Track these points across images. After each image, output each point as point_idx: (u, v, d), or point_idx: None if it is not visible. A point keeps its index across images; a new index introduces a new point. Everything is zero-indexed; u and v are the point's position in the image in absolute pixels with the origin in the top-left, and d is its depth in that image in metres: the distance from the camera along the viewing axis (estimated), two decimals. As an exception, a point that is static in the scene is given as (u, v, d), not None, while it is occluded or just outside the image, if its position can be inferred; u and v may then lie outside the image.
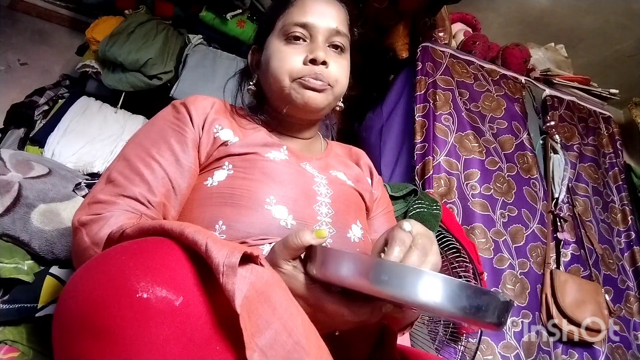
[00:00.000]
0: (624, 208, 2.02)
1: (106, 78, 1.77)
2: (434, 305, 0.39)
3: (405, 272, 0.41)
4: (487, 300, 0.41)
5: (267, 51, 0.75)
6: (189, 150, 0.67)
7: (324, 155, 0.81)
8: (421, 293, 0.40)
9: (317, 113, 0.76)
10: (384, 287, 0.40)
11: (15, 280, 0.74)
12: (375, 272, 0.41)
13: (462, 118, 1.81)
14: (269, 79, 0.73)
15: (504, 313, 0.43)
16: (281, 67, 0.71)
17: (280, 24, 0.74)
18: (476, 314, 0.41)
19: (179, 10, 1.98)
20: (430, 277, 0.40)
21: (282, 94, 0.72)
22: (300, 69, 0.70)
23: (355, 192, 0.77)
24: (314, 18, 0.72)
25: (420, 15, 1.92)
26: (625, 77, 2.49)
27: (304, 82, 0.70)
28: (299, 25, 0.72)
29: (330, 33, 0.73)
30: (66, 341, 0.38)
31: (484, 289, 0.43)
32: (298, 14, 0.73)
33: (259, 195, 0.63)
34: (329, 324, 0.48)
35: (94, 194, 0.62)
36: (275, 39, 0.74)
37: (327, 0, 0.75)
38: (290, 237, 0.47)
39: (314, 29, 0.72)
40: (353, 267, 0.42)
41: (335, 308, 0.45)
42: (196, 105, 0.71)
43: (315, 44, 0.72)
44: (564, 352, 1.58)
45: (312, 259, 0.47)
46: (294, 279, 0.47)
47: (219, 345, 0.36)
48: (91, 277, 0.39)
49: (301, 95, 0.70)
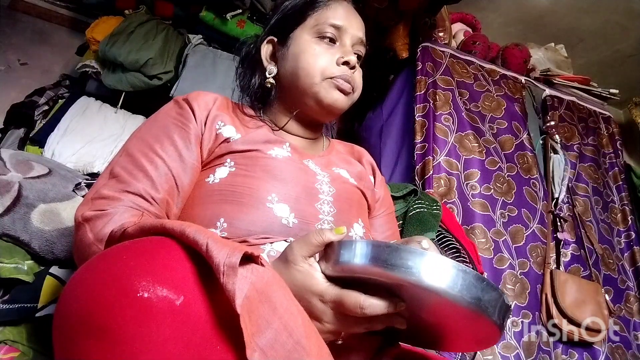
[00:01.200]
0: (624, 208, 2.02)
1: (106, 78, 1.77)
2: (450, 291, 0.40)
3: (422, 256, 0.41)
4: (496, 297, 0.42)
5: (296, 45, 0.75)
6: (191, 146, 0.67)
7: (326, 153, 0.81)
8: (437, 278, 0.40)
9: (335, 115, 0.78)
10: (400, 272, 0.41)
11: (15, 280, 0.74)
12: (393, 257, 0.41)
13: (462, 118, 1.81)
14: (299, 72, 0.73)
15: (505, 315, 0.43)
16: (315, 64, 0.72)
17: (312, 21, 0.75)
18: (487, 309, 0.41)
19: (179, 10, 1.98)
20: (447, 262, 0.41)
21: (310, 90, 0.73)
22: (334, 70, 0.72)
23: (358, 190, 0.77)
24: (345, 23, 0.75)
25: (420, 15, 1.92)
26: (625, 77, 2.49)
27: (336, 82, 0.72)
28: (333, 26, 0.74)
29: (357, 41, 0.77)
30: (67, 341, 0.38)
31: (495, 285, 0.44)
32: (331, 15, 0.75)
33: (261, 193, 0.63)
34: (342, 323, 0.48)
35: (97, 188, 0.62)
36: (306, 34, 0.75)
37: (354, 11, 0.79)
38: (311, 234, 0.47)
39: (345, 33, 0.75)
40: (369, 253, 0.43)
41: (354, 299, 0.45)
42: (199, 101, 0.71)
43: (346, 48, 0.75)
44: (564, 352, 1.58)
45: (327, 257, 0.47)
46: (311, 277, 0.47)
47: (219, 344, 0.36)
48: (92, 277, 0.39)
49: (330, 95, 0.72)
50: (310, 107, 0.75)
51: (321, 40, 0.74)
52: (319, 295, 0.47)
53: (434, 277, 0.40)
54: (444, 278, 0.40)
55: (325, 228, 0.48)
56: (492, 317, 0.42)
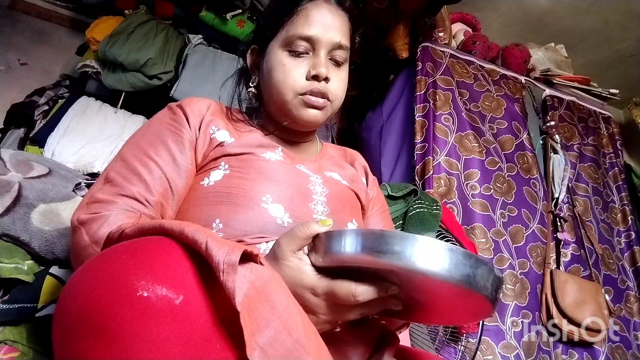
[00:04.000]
0: (624, 208, 2.02)
1: (106, 78, 1.77)
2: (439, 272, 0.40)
3: (409, 239, 0.41)
4: (487, 271, 0.42)
5: (270, 60, 0.74)
6: (185, 150, 0.67)
7: (318, 157, 0.81)
8: (425, 260, 0.40)
9: (314, 128, 0.79)
10: (389, 258, 0.41)
11: (15, 280, 0.74)
12: (380, 243, 0.42)
13: (462, 118, 1.81)
14: (272, 89, 0.73)
15: (498, 288, 0.44)
16: (285, 82, 0.71)
17: (284, 33, 0.73)
18: (478, 284, 0.41)
19: (179, 10, 1.98)
20: (435, 243, 0.41)
21: (283, 107, 0.73)
22: (304, 85, 0.70)
23: (351, 191, 0.77)
24: (318, 31, 0.71)
25: (420, 15, 1.92)
26: (625, 77, 2.49)
27: (306, 100, 0.71)
28: (302, 39, 0.71)
29: (332, 47, 0.72)
30: (66, 341, 0.38)
31: (484, 259, 0.44)
32: (302, 25, 0.71)
33: (255, 193, 0.64)
34: (337, 312, 0.48)
35: (92, 193, 0.62)
36: (278, 47, 0.73)
37: (331, 10, 0.74)
38: (297, 228, 0.48)
39: (317, 43, 0.71)
40: (357, 241, 0.43)
41: (346, 289, 0.46)
42: (192, 106, 0.72)
43: (317, 59, 0.71)
44: (564, 352, 1.58)
45: (316, 248, 0.47)
46: (300, 271, 0.47)
47: (219, 343, 0.36)
48: (91, 277, 0.39)
49: (303, 113, 0.72)
50: (289, 122, 0.75)
51: (292, 54, 0.72)
52: (310, 288, 0.47)
53: (423, 260, 0.41)
54: (432, 259, 0.41)
55: (311, 222, 0.48)
56: (484, 292, 0.42)
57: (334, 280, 0.47)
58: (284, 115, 0.74)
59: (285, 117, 0.74)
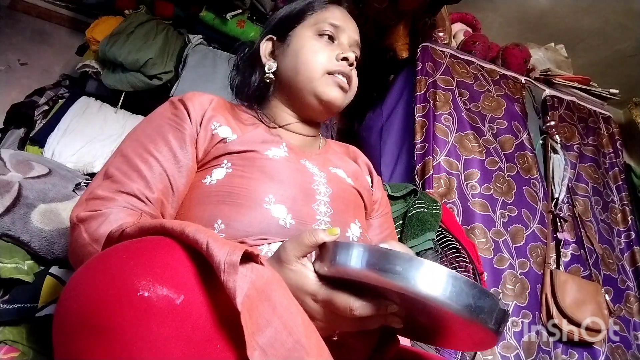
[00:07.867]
0: (624, 208, 2.02)
1: (106, 78, 1.77)
2: (439, 298, 0.40)
3: (414, 262, 0.41)
4: (490, 303, 0.41)
5: (297, 41, 0.78)
6: (186, 146, 0.67)
7: (323, 152, 0.81)
8: (427, 284, 0.40)
9: (332, 113, 0.80)
10: (391, 278, 0.41)
11: (15, 280, 0.74)
12: (384, 262, 0.41)
13: (462, 118, 1.81)
14: (299, 67, 0.75)
15: (502, 321, 0.43)
16: (315, 59, 0.75)
17: (312, 20, 0.79)
18: (479, 316, 0.41)
19: (179, 10, 1.98)
20: (438, 269, 0.40)
21: (309, 85, 0.74)
22: (334, 64, 0.75)
23: (354, 190, 0.77)
24: (344, 24, 0.79)
25: (420, 15, 1.92)
26: (625, 77, 2.49)
27: (335, 78, 0.75)
28: (332, 25, 0.78)
29: (353, 43, 0.80)
30: (67, 340, 0.38)
31: (489, 291, 0.43)
32: (331, 16, 0.79)
33: (258, 194, 0.63)
34: (334, 322, 0.48)
35: (91, 189, 0.62)
36: (306, 31, 0.78)
37: (350, 17, 0.83)
38: (304, 235, 0.47)
39: (343, 33, 0.78)
40: (364, 256, 0.43)
41: (344, 301, 0.45)
42: (194, 101, 0.71)
43: (344, 46, 0.78)
44: (564, 352, 1.58)
45: (322, 257, 0.47)
46: (303, 276, 0.47)
47: (219, 343, 0.36)
48: (91, 276, 0.39)
49: (329, 90, 0.74)
50: (308, 104, 0.76)
51: (320, 37, 0.77)
52: (311, 294, 0.47)
53: (425, 284, 0.40)
54: (434, 284, 0.40)
55: (319, 228, 0.47)
56: (486, 324, 0.41)
57: (334, 290, 0.46)
58: (307, 95, 0.75)
59: (309, 96, 0.75)
